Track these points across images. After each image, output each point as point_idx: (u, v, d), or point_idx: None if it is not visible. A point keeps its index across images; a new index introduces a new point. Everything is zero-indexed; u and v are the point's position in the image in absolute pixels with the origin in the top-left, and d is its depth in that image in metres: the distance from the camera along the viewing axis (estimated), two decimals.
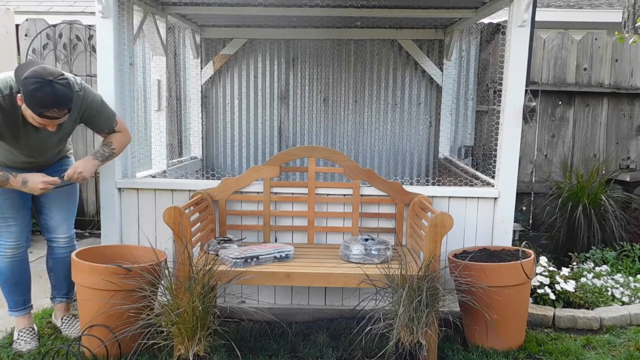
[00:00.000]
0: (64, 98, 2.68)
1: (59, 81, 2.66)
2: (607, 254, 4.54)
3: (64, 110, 2.71)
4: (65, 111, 2.73)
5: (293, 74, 5.72)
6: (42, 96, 2.62)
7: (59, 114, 2.70)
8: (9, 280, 3.15)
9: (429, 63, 5.52)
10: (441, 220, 2.89)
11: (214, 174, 3.98)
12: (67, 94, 2.69)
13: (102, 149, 3.11)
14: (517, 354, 3.18)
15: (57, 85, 2.64)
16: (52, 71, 2.68)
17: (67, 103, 2.71)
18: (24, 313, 3.23)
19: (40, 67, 2.67)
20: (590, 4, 9.25)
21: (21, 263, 3.17)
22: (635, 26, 6.20)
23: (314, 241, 3.61)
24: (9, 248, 3.10)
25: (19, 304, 3.21)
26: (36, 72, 2.63)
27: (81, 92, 2.94)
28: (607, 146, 5.42)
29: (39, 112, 2.66)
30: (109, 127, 3.12)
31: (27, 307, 3.25)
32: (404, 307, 2.75)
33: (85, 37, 5.54)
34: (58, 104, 2.67)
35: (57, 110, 2.68)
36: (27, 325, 3.22)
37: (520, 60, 3.43)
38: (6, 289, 3.18)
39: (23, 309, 3.22)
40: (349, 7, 3.97)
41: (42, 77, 2.62)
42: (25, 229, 3.13)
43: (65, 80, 2.71)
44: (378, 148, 5.78)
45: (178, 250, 2.88)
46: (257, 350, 3.17)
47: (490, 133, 4.84)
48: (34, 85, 2.61)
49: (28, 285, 3.25)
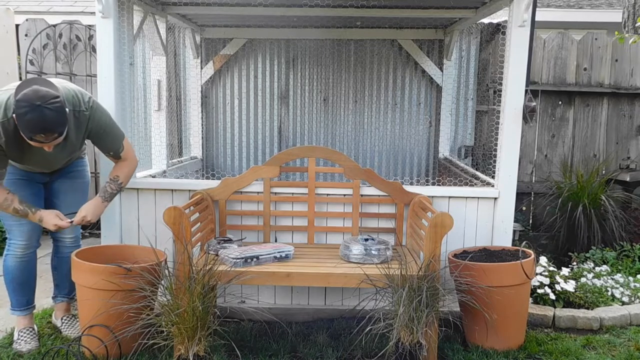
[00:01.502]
0: (52, 124, 2.59)
1: (48, 106, 2.56)
2: (607, 254, 4.54)
3: (52, 135, 2.63)
4: (55, 135, 2.64)
5: (293, 74, 5.72)
6: (29, 120, 2.55)
7: (47, 138, 2.62)
8: (15, 280, 3.16)
9: (429, 63, 5.52)
10: (441, 220, 2.89)
11: (214, 174, 3.99)
12: (55, 119, 2.59)
13: (110, 187, 3.08)
14: (517, 354, 3.18)
15: (45, 111, 2.55)
16: (43, 95, 2.57)
17: (55, 128, 2.61)
18: (26, 313, 3.23)
19: (31, 90, 2.58)
20: (590, 4, 9.25)
21: (29, 263, 3.17)
22: (635, 26, 6.20)
23: (314, 241, 3.61)
24: (19, 247, 3.11)
25: (22, 303, 3.21)
26: (26, 95, 2.56)
27: (88, 112, 2.89)
28: (607, 146, 5.42)
29: (27, 136, 2.61)
30: (115, 151, 3.07)
31: (30, 308, 3.25)
32: (404, 307, 2.75)
33: (85, 37, 5.54)
34: (45, 130, 2.58)
35: (44, 135, 2.60)
36: (27, 325, 3.22)
37: (520, 60, 3.43)
38: (12, 288, 3.18)
39: (26, 308, 3.22)
40: (349, 7, 3.98)
41: (31, 101, 2.54)
42: (36, 229, 3.12)
43: (57, 105, 2.60)
44: (378, 148, 5.79)
45: (178, 250, 2.88)
46: (257, 350, 3.17)
47: (490, 133, 4.84)
48: (22, 110, 2.54)
49: (33, 286, 3.25)
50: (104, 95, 3.43)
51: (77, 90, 2.93)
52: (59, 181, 3.23)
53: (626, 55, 5.30)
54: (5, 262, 3.14)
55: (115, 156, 3.10)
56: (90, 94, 3.00)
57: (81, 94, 2.92)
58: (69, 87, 2.90)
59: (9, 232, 3.13)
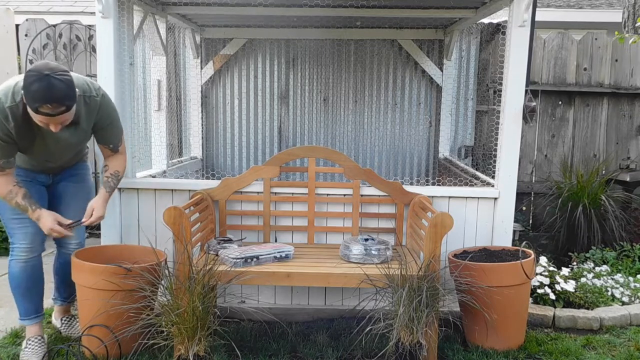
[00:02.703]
0: (59, 93, 2.52)
1: (57, 76, 2.51)
2: (607, 254, 4.54)
3: (60, 107, 2.54)
4: (63, 108, 2.56)
5: (293, 74, 5.72)
6: (36, 90, 2.49)
7: (54, 110, 2.54)
8: (21, 286, 3.03)
9: (429, 63, 5.52)
10: (441, 220, 2.89)
11: (214, 174, 3.98)
12: (63, 90, 2.53)
13: (113, 181, 3.08)
14: (517, 354, 3.18)
15: (53, 80, 2.49)
16: (52, 67, 2.55)
17: (63, 99, 2.54)
18: (35, 322, 3.09)
19: (42, 62, 2.55)
20: (590, 4, 9.25)
21: (34, 268, 3.03)
22: (635, 26, 6.20)
23: (314, 241, 3.61)
24: (23, 251, 2.98)
25: (29, 311, 3.07)
26: (36, 66, 2.53)
27: (98, 98, 2.88)
28: (607, 146, 5.42)
29: (33, 108, 2.53)
30: (115, 144, 3.05)
31: (39, 316, 3.11)
32: (404, 307, 2.75)
33: (85, 37, 5.54)
34: (51, 99, 2.51)
35: (51, 106, 2.52)
36: (36, 333, 3.08)
37: (520, 60, 3.43)
38: (18, 294, 3.04)
39: (35, 317, 3.08)
40: (349, 7, 3.98)
41: (39, 70, 2.50)
42: (40, 232, 2.97)
43: (66, 77, 2.56)
44: (378, 148, 5.79)
45: (178, 250, 2.88)
46: (257, 350, 3.17)
47: (490, 133, 4.84)
48: (30, 79, 2.49)
49: (41, 292, 3.11)
50: None
51: (88, 79, 2.92)
52: (63, 184, 3.16)
53: (626, 55, 5.30)
54: (10, 268, 3.03)
55: (114, 149, 3.07)
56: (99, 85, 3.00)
57: (91, 82, 2.91)
58: (80, 76, 2.89)
59: (11, 235, 3.01)
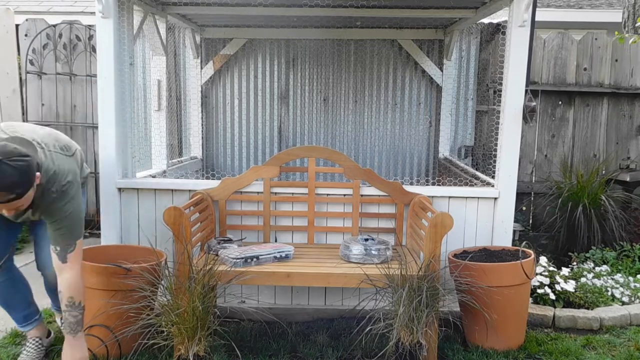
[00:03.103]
0: (6, 181, 2.35)
1: (8, 162, 2.35)
2: (607, 254, 4.54)
3: (8, 195, 2.39)
4: (12, 196, 2.40)
5: (293, 74, 5.72)
6: None
7: (1, 197, 2.39)
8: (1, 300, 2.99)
9: (429, 63, 5.52)
10: (441, 220, 2.89)
11: (214, 174, 3.98)
12: (12, 177, 2.36)
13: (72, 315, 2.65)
14: (517, 354, 3.18)
15: (3, 166, 2.34)
16: (9, 150, 2.39)
17: (10, 187, 2.37)
18: (30, 327, 3.08)
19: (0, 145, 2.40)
20: (590, 4, 9.25)
21: (7, 283, 2.97)
22: (635, 26, 6.20)
23: (314, 241, 3.61)
24: None
25: (19, 320, 3.06)
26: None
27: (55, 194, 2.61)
28: (607, 146, 5.42)
29: None
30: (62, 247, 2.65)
31: (32, 322, 3.08)
32: (404, 307, 2.75)
33: (85, 37, 5.54)
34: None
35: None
36: (34, 335, 3.08)
37: (520, 60, 3.43)
38: (4, 306, 3.05)
39: (27, 324, 3.07)
40: (349, 7, 3.98)
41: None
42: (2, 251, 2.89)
43: (20, 163, 2.38)
44: (378, 148, 5.79)
45: (178, 250, 2.88)
46: (257, 350, 3.17)
47: (490, 133, 4.84)
48: None
49: (25, 301, 3.06)
50: (104, 95, 3.44)
51: (61, 168, 2.65)
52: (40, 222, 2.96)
53: (626, 55, 5.30)
54: None
55: (60, 255, 2.65)
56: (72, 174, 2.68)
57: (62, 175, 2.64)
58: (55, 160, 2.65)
59: None
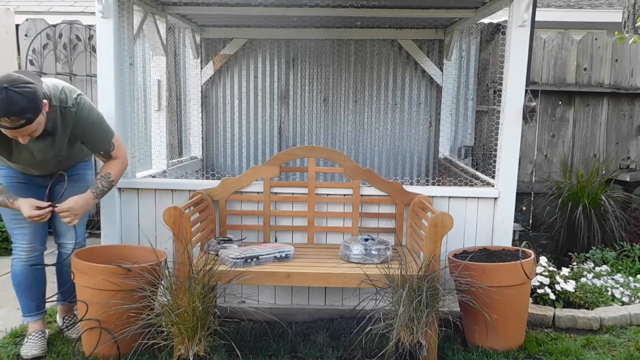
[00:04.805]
0: (17, 107, 2.46)
1: (15, 89, 2.45)
2: (607, 254, 4.54)
3: (19, 121, 2.50)
4: (22, 122, 2.51)
5: (293, 74, 5.72)
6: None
7: (13, 124, 2.50)
8: (22, 284, 3.10)
9: (429, 63, 5.52)
10: (441, 220, 2.89)
11: (214, 174, 3.98)
12: (21, 103, 2.46)
13: (101, 183, 2.97)
14: (517, 354, 3.18)
15: (10, 93, 2.44)
16: (13, 79, 2.49)
17: (21, 113, 2.48)
18: (36, 319, 3.16)
19: (4, 75, 2.49)
20: (590, 4, 9.25)
21: (37, 271, 3.10)
22: (635, 26, 6.20)
23: (314, 241, 3.61)
24: (23, 251, 3.05)
25: (31, 309, 3.14)
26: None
27: (73, 109, 2.80)
28: (607, 146, 5.42)
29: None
30: (105, 150, 2.98)
31: (40, 313, 3.18)
32: (404, 307, 2.75)
33: (85, 37, 5.54)
34: (9, 113, 2.47)
35: (9, 119, 2.49)
36: (37, 329, 3.15)
37: (520, 60, 3.43)
38: (19, 293, 3.13)
39: (35, 314, 3.16)
40: (349, 7, 3.97)
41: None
42: (39, 231, 3.06)
43: (26, 90, 2.48)
44: (378, 148, 5.79)
45: (178, 250, 2.88)
46: (257, 350, 3.17)
47: (490, 133, 4.84)
48: None
49: (42, 290, 3.18)
50: (104, 95, 3.43)
51: (67, 87, 2.84)
52: (61, 184, 3.13)
53: (626, 55, 5.30)
54: (12, 268, 3.11)
55: (106, 155, 2.99)
56: (80, 92, 2.89)
57: (69, 91, 2.83)
58: (59, 84, 2.83)
59: (12, 237, 3.09)
